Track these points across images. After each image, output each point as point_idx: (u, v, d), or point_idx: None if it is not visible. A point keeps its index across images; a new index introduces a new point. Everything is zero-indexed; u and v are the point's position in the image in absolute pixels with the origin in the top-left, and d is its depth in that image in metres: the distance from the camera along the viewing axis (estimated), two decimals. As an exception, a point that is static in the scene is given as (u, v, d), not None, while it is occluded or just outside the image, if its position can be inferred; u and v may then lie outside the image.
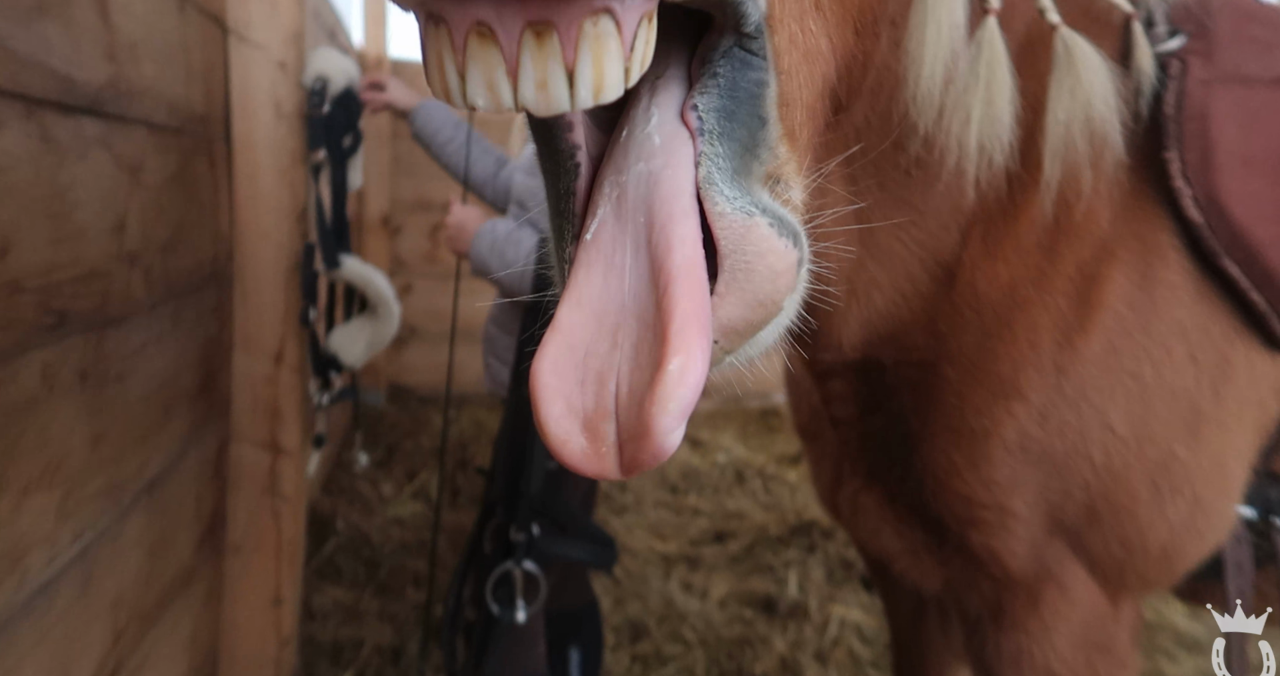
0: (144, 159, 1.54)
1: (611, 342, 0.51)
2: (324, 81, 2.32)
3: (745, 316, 0.51)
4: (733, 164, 0.53)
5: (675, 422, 0.46)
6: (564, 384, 0.50)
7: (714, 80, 0.54)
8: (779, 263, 0.52)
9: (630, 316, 0.51)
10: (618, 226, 0.54)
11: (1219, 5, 1.15)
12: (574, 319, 0.52)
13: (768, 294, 0.52)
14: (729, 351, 0.53)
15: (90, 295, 1.30)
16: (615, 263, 0.53)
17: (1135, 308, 1.09)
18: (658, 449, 0.46)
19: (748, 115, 0.55)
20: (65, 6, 1.22)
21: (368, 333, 2.52)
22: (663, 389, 0.47)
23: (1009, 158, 1.01)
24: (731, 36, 0.54)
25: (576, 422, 0.49)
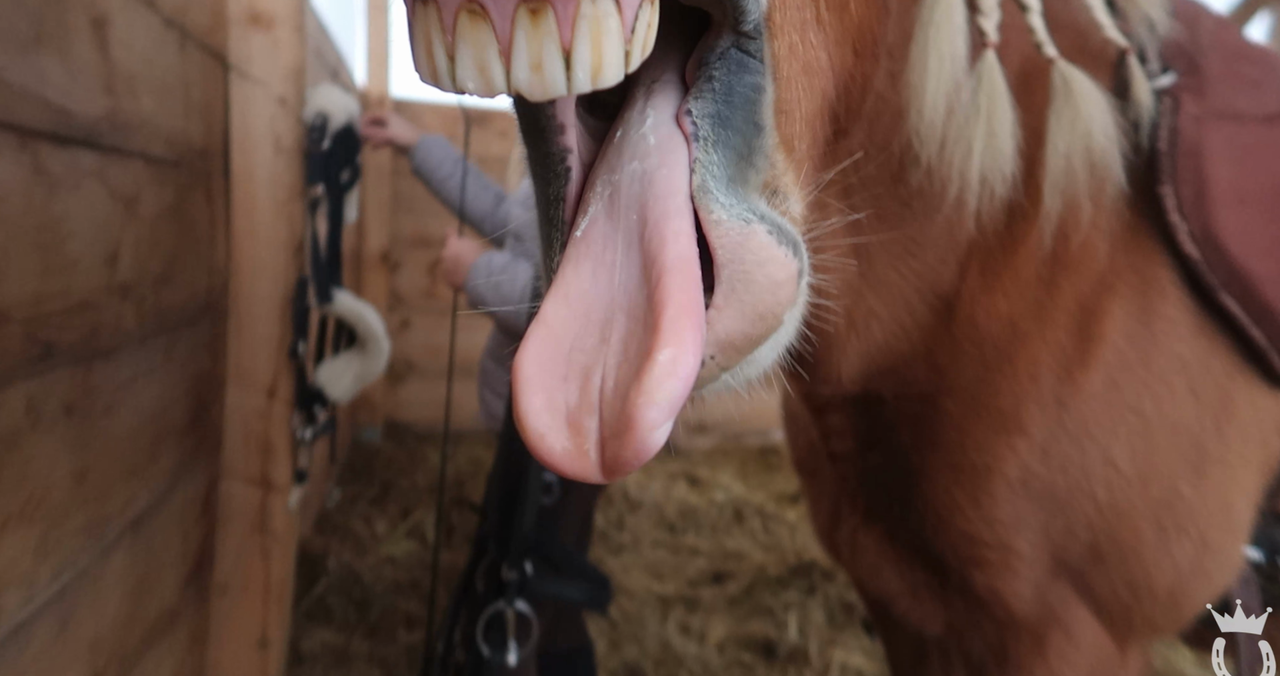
0: (140, 191, 1.54)
1: (599, 338, 0.49)
2: (324, 117, 2.34)
3: (745, 330, 0.49)
4: (728, 172, 0.51)
5: (662, 416, 0.44)
6: (546, 378, 0.47)
7: (709, 84, 0.53)
8: (780, 272, 0.49)
9: (620, 312, 0.49)
10: (609, 224, 0.52)
11: (1209, 43, 1.16)
12: (560, 313, 0.50)
13: (768, 306, 0.49)
14: (726, 368, 0.50)
15: (79, 326, 1.29)
16: (605, 259, 0.51)
17: (1135, 342, 1.08)
18: (640, 445, 0.44)
19: (743, 121, 0.53)
20: (63, 40, 1.22)
21: (355, 367, 2.50)
22: (650, 379, 0.44)
23: (1011, 189, 1.01)
24: (729, 37, 0.53)
25: (558, 418, 0.47)
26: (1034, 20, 1.07)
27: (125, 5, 1.46)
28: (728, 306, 0.48)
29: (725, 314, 0.48)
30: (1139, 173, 1.10)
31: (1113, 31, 1.14)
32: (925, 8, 0.94)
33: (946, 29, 0.94)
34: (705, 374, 0.48)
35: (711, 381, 0.50)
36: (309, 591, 3.28)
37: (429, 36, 0.46)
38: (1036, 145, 1.03)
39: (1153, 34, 1.15)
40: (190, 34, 1.81)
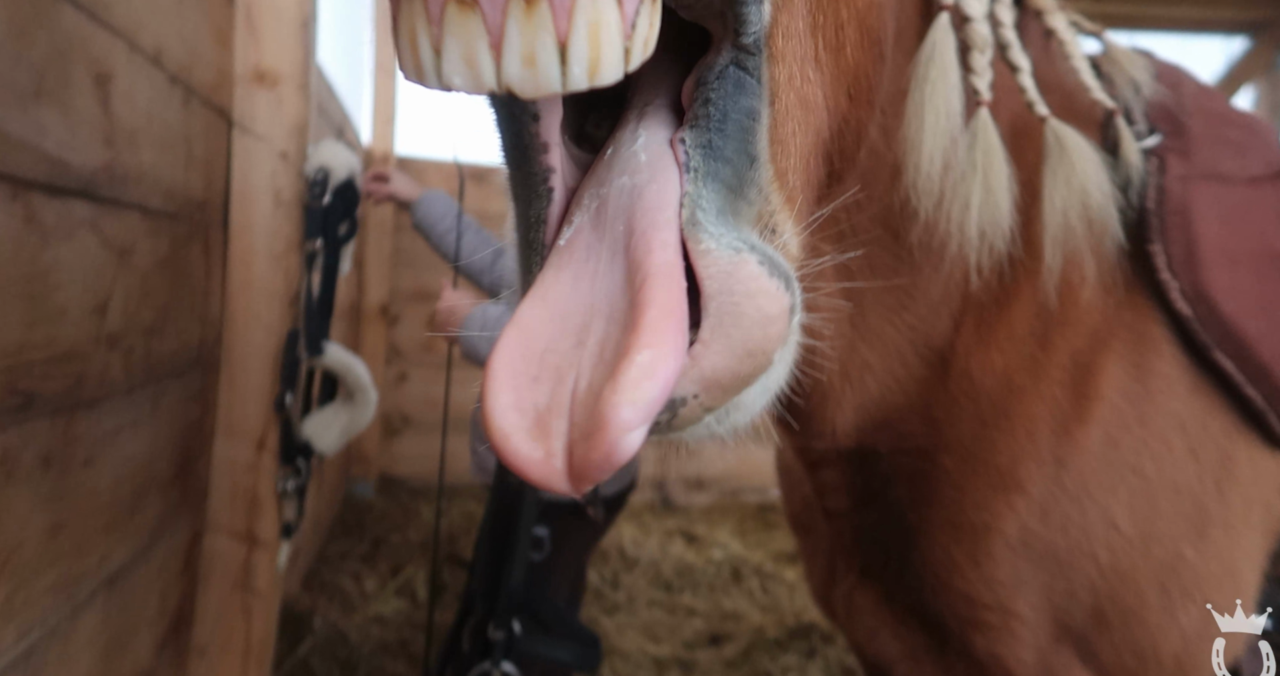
0: (135, 242, 1.54)
1: (576, 341, 0.47)
2: (326, 172, 2.37)
3: (732, 367, 0.45)
4: (717, 205, 0.50)
5: (637, 418, 0.41)
6: (517, 378, 0.45)
7: (705, 109, 0.52)
8: (771, 305, 0.46)
9: (599, 316, 0.47)
10: (594, 234, 0.50)
11: (1192, 107, 1.18)
12: (536, 314, 0.48)
13: (758, 342, 0.46)
14: (710, 409, 0.47)
15: (62, 377, 1.27)
16: (588, 268, 0.49)
17: (1132, 399, 1.06)
18: (611, 447, 0.41)
19: (735, 152, 0.52)
20: (65, 94, 1.24)
21: (343, 419, 2.48)
22: (626, 379, 0.42)
23: (1010, 244, 1.01)
24: (729, 52, 0.52)
25: (526, 418, 0.44)
26: (1025, 80, 1.09)
27: (130, 62, 1.49)
28: (714, 341, 0.45)
29: (711, 349, 0.45)
30: (1129, 231, 1.11)
31: (1100, 93, 1.16)
32: (921, 66, 0.96)
33: (942, 87, 0.95)
34: (688, 414, 0.45)
35: (694, 423, 0.47)
36: (292, 652, 3.18)
37: (414, 30, 0.43)
38: (1031, 201, 1.04)
39: (1138, 96, 1.17)
40: (195, 91, 1.85)
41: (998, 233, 1.00)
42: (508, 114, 0.53)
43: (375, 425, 5.20)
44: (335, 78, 4.03)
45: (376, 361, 5.22)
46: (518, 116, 0.53)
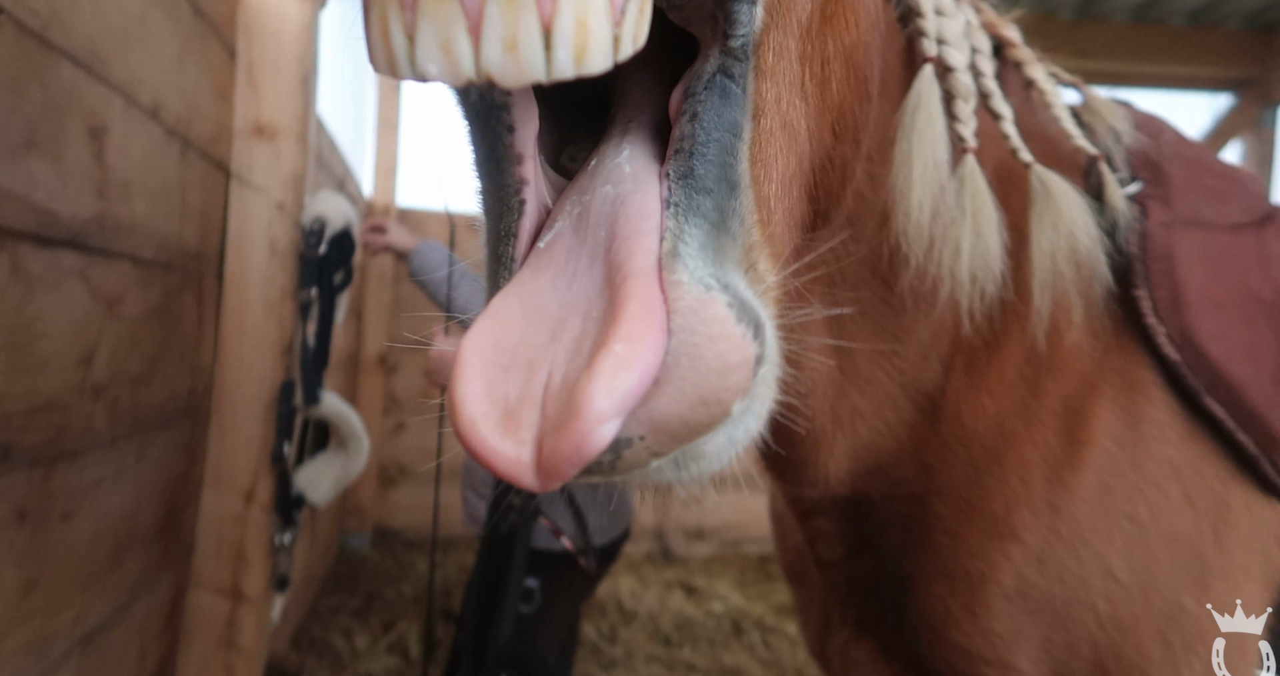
0: (125, 292, 1.54)
1: (550, 335, 0.45)
2: (322, 223, 2.39)
3: (682, 414, 0.43)
4: (699, 240, 0.48)
5: (611, 409, 0.40)
6: (488, 367, 0.44)
7: (690, 126, 0.51)
8: (732, 354, 0.44)
9: (576, 314, 0.46)
10: (575, 239, 0.50)
11: (1172, 155, 1.19)
12: (510, 309, 0.46)
13: (712, 390, 0.43)
14: (657, 454, 0.44)
15: (43, 428, 1.26)
16: (567, 270, 0.48)
17: (1124, 445, 1.05)
18: (583, 438, 0.39)
19: (717, 180, 0.51)
20: (57, 146, 1.26)
21: (336, 469, 2.45)
22: (603, 368, 0.40)
23: (1001, 288, 1.01)
24: (716, 60, 0.52)
25: (496, 408, 0.42)
26: (1008, 128, 1.10)
27: (126, 116, 1.51)
28: (668, 383, 0.43)
29: (663, 390, 0.43)
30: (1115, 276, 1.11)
31: (1082, 140, 1.18)
32: (908, 115, 0.97)
33: (929, 135, 0.96)
34: (633, 456, 0.43)
35: (640, 467, 0.45)
36: (279, 713, 3.08)
37: (385, 16, 0.39)
38: (1018, 246, 1.04)
39: (1119, 144, 1.18)
40: (192, 144, 1.87)
41: (989, 277, 1.01)
42: (482, 124, 0.53)
43: (371, 476, 5.15)
44: (338, 131, 4.11)
45: (374, 411, 5.19)
46: (493, 127, 0.52)
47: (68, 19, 1.27)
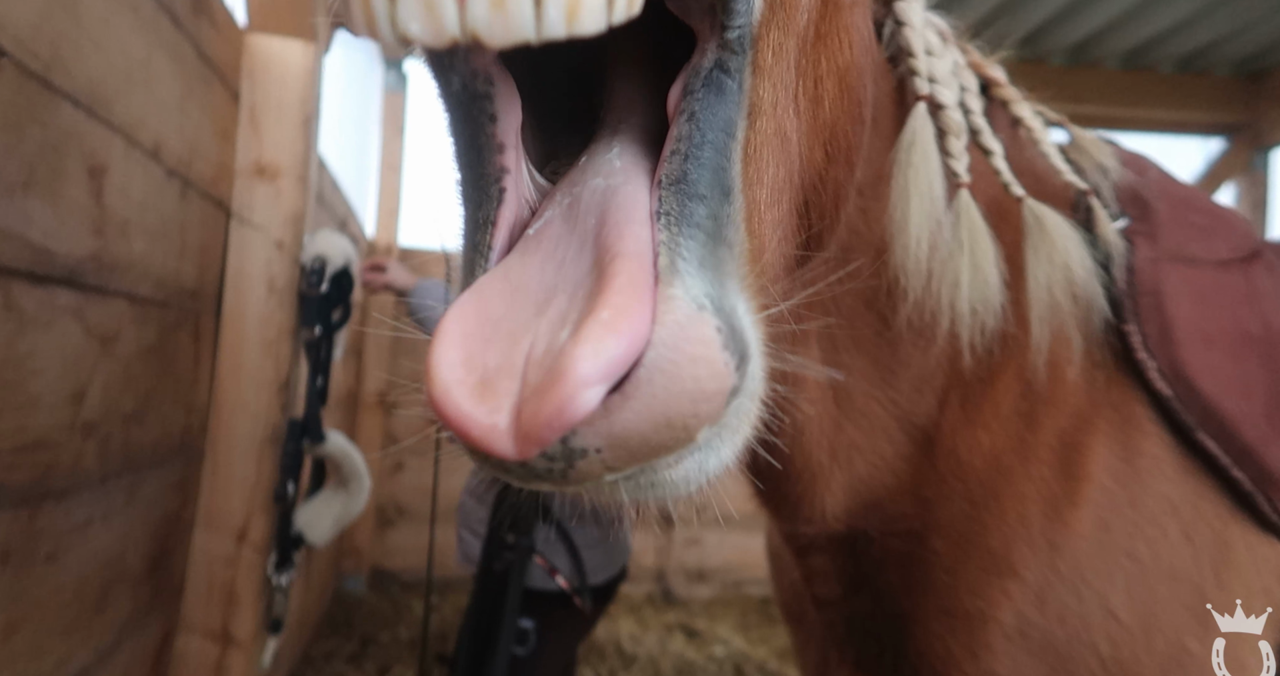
0: (120, 329, 1.54)
1: (535, 311, 0.44)
2: (323, 261, 2.41)
3: (644, 433, 0.41)
4: (698, 255, 0.47)
5: (596, 374, 0.39)
6: (469, 338, 0.43)
7: (687, 127, 0.50)
8: (710, 381, 0.42)
9: (563, 294, 0.45)
10: (565, 226, 0.49)
11: (1157, 192, 1.20)
12: (495, 286, 0.46)
13: (679, 414, 0.42)
14: (613, 469, 0.43)
15: (30, 466, 1.24)
16: (556, 255, 0.48)
17: (1121, 481, 1.03)
18: (565, 402, 0.38)
19: (710, 185, 0.50)
20: (55, 185, 1.27)
21: (336, 508, 2.42)
22: (589, 333, 0.40)
23: (1001, 321, 1.01)
24: (713, 54, 0.52)
25: (472, 376, 0.41)
26: (998, 163, 1.11)
27: (127, 156, 1.53)
28: (635, 396, 0.41)
29: (629, 404, 0.41)
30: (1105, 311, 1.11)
31: (1071, 175, 1.19)
32: (903, 151, 0.98)
33: (924, 170, 0.97)
34: (586, 467, 0.42)
35: (592, 479, 0.43)
36: (269, 763, 2.99)
37: None
38: (1013, 280, 1.05)
39: (1106, 179, 1.19)
40: (193, 184, 1.89)
41: (990, 310, 1.01)
42: (464, 113, 0.53)
43: (369, 516, 5.09)
44: (342, 173, 4.16)
45: (373, 450, 5.16)
46: (475, 116, 0.52)
47: (70, 62, 1.29)
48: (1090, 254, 1.08)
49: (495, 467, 0.43)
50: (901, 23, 1.05)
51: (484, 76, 0.51)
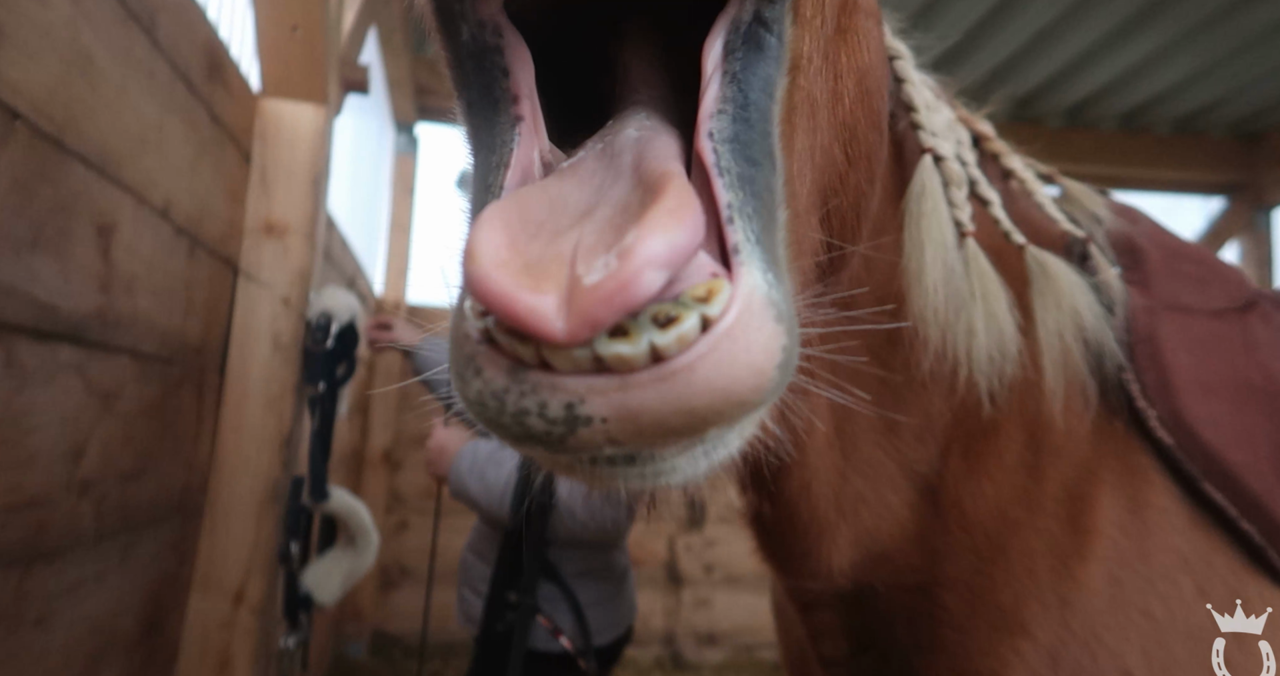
0: (122, 386, 1.54)
1: (577, 218, 0.42)
2: (329, 318, 2.42)
3: (660, 414, 0.38)
4: (757, 229, 0.45)
5: (663, 256, 0.37)
6: (511, 228, 0.41)
7: (730, 87, 0.49)
8: (750, 378, 0.39)
9: (605, 206, 0.43)
10: (600, 161, 0.48)
11: (1146, 243, 1.20)
12: (533, 195, 0.44)
13: (708, 405, 0.39)
14: (615, 443, 0.39)
15: (22, 526, 1.22)
16: (592, 181, 0.47)
17: (1130, 534, 1.00)
18: (632, 277, 0.36)
19: (761, 151, 0.49)
20: (63, 244, 1.28)
21: (344, 566, 2.37)
22: (656, 217, 0.38)
23: (1019, 368, 0.99)
24: (751, 3, 0.50)
25: (517, 259, 0.39)
26: (997, 212, 1.12)
27: (136, 215, 1.55)
28: (664, 379, 0.38)
29: (645, 379, 0.38)
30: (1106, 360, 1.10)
31: (1068, 224, 1.19)
32: (913, 201, 0.99)
33: (936, 219, 0.98)
34: (587, 436, 0.39)
35: (591, 450, 0.40)
36: None
37: None
38: (1025, 326, 1.04)
39: (1100, 228, 1.20)
40: (202, 242, 1.92)
41: (1008, 357, 0.99)
42: (476, 65, 0.52)
43: (371, 578, 4.99)
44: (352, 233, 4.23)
45: (377, 509, 5.09)
46: (487, 69, 0.52)
47: (84, 124, 1.33)
48: (1097, 299, 1.07)
49: (494, 418, 0.40)
50: (901, 79, 1.07)
51: (492, 27, 0.51)
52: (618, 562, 2.24)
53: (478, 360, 0.41)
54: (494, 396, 0.40)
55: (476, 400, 0.41)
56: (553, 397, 0.39)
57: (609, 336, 0.38)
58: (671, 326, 0.39)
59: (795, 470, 0.97)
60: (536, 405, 0.39)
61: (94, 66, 1.35)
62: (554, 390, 0.39)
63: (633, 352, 0.38)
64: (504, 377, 0.40)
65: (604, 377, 0.39)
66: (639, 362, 0.38)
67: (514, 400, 0.39)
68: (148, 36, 1.55)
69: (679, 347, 0.38)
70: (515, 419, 0.39)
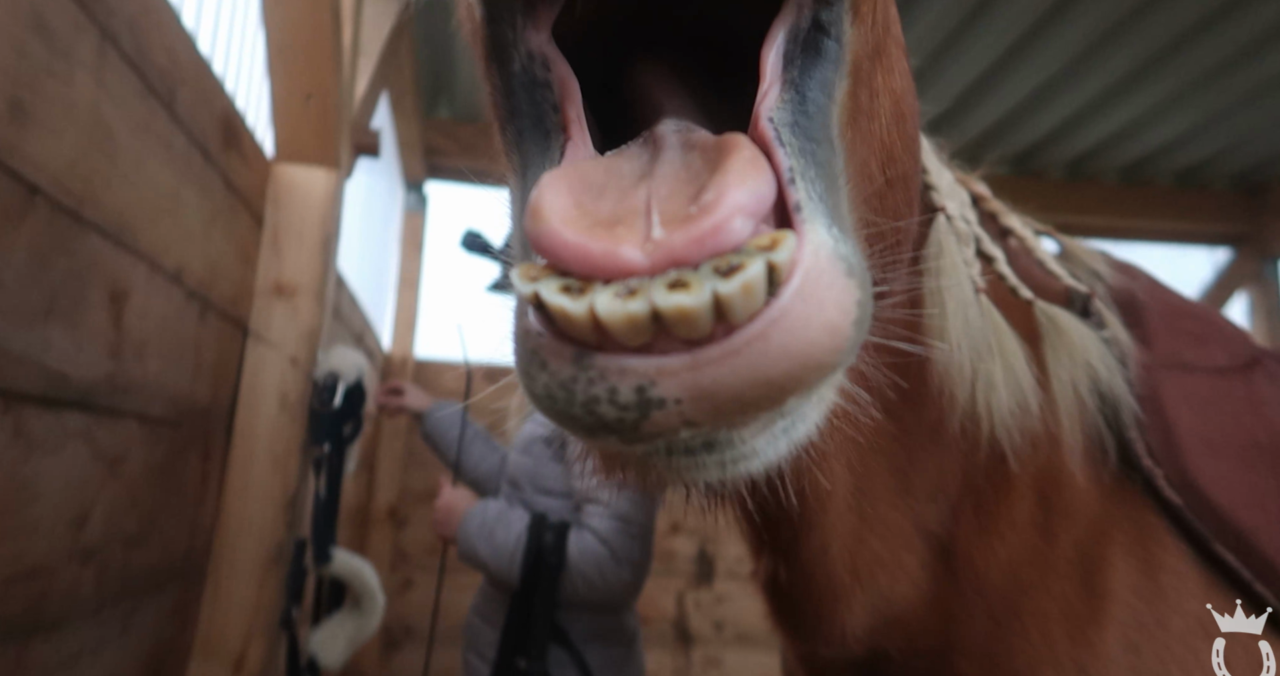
0: (128, 451, 1.54)
1: (636, 180, 0.43)
2: (336, 377, 2.43)
3: (737, 389, 0.36)
4: (821, 189, 0.44)
5: (749, 204, 0.37)
6: (575, 191, 0.40)
7: (789, 91, 0.49)
8: (825, 338, 0.37)
9: (664, 170, 0.44)
10: (644, 146, 0.48)
11: (1145, 300, 1.21)
12: (590, 164, 0.45)
13: (785, 373, 0.37)
14: (692, 425, 0.37)
15: (24, 597, 1.21)
16: (642, 158, 0.47)
17: (1145, 598, 0.98)
18: (722, 222, 0.36)
19: (821, 137, 0.48)
20: (76, 312, 1.31)
21: (349, 629, 2.33)
22: (737, 166, 0.39)
23: (1039, 422, 0.99)
24: (809, 9, 0.50)
25: (586, 218, 0.39)
26: (1003, 269, 1.13)
27: (149, 281, 1.58)
28: (740, 352, 0.36)
29: (721, 353, 0.36)
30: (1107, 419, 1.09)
31: (1071, 280, 1.20)
32: (930, 258, 1.00)
33: (954, 275, 0.99)
34: (662, 420, 0.37)
35: (668, 435, 0.38)
36: None
37: None
38: (1041, 379, 1.04)
39: (1100, 284, 1.21)
40: (212, 304, 1.94)
41: (1028, 411, 0.99)
42: (528, 98, 0.53)
43: (375, 637, 4.89)
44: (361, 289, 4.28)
45: (381, 567, 5.01)
46: (538, 102, 0.53)
47: (101, 195, 1.36)
48: (1109, 351, 1.07)
49: (565, 410, 0.38)
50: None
51: (541, 60, 0.52)
52: (627, 624, 2.19)
53: (541, 353, 0.39)
54: (562, 387, 0.38)
55: (545, 394, 0.39)
56: (622, 382, 0.37)
57: (667, 287, 0.36)
58: (735, 274, 0.36)
59: (815, 532, 0.96)
60: (606, 391, 0.37)
61: (114, 140, 1.39)
62: (623, 374, 0.37)
63: (695, 304, 0.35)
64: (570, 367, 0.38)
65: (675, 357, 0.37)
66: (702, 319, 0.36)
67: (583, 389, 0.37)
68: (167, 110, 1.60)
69: (744, 299, 0.36)
70: (586, 408, 0.38)
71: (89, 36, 1.29)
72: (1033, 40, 4.20)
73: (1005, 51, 4.32)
